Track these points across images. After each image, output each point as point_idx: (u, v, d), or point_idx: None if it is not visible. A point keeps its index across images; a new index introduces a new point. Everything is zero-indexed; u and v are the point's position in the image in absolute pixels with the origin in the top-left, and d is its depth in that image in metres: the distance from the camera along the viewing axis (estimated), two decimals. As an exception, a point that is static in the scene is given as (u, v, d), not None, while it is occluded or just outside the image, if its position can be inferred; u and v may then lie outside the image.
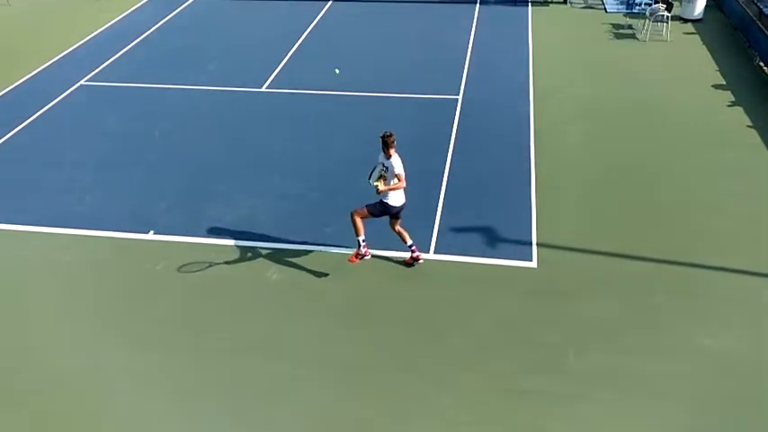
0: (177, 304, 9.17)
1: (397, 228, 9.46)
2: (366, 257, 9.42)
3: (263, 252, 10.04)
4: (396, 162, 8.95)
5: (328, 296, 9.22)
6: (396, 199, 9.13)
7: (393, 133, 9.00)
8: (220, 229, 10.53)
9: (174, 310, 9.08)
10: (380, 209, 9.18)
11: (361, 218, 9.17)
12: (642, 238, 10.13)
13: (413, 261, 9.64)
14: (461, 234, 10.28)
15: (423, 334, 8.57)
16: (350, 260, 9.38)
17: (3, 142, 13.13)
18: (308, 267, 9.71)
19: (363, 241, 9.26)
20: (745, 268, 9.46)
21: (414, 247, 9.52)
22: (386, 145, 8.91)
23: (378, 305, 9.06)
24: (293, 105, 14.28)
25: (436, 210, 10.79)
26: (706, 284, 9.25)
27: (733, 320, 8.65)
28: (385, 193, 8.99)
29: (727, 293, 9.07)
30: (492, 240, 10.13)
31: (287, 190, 11.45)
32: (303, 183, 11.59)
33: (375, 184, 8.93)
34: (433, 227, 10.39)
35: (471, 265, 9.67)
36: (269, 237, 10.31)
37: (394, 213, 9.26)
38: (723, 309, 8.83)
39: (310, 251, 10.02)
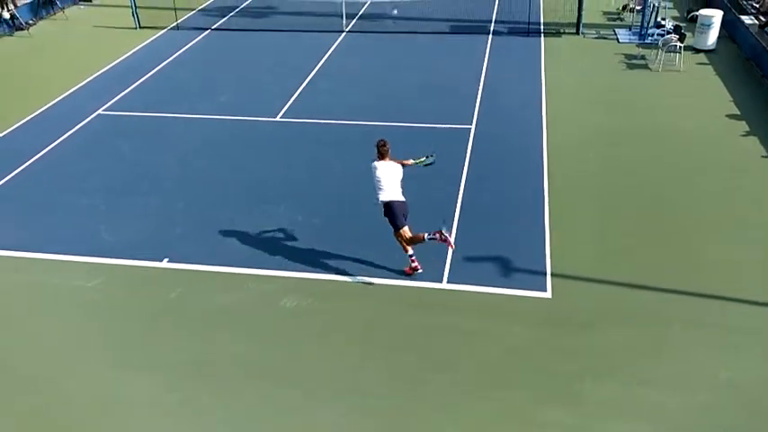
0: (191, 332, 9.15)
1: (409, 234, 9.67)
2: (418, 270, 9.90)
3: (278, 280, 10.03)
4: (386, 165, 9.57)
5: (342, 323, 9.19)
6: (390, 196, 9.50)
7: (387, 141, 9.61)
8: (235, 256, 10.55)
9: (187, 337, 9.06)
10: (386, 212, 9.59)
11: (407, 238, 9.69)
12: (658, 267, 10.04)
13: (412, 272, 9.92)
14: (475, 263, 10.23)
15: (435, 362, 8.50)
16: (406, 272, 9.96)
17: (22, 169, 13.30)
18: (323, 295, 9.70)
19: (411, 257, 9.82)
20: (762, 300, 9.34)
21: (414, 258, 9.85)
22: (381, 154, 9.54)
23: (390, 333, 9.00)
24: (308, 134, 14.39)
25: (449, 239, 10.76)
26: (723, 315, 9.12)
27: (751, 352, 8.51)
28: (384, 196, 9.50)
29: (745, 324, 8.94)
30: (506, 270, 10.08)
31: (302, 218, 11.48)
32: (318, 210, 11.63)
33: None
34: (447, 256, 10.36)
35: (485, 294, 9.61)
36: (284, 264, 10.32)
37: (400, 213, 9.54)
38: (741, 340, 8.69)
39: (325, 279, 10.01)
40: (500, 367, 8.40)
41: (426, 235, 9.53)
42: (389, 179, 9.56)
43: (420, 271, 9.90)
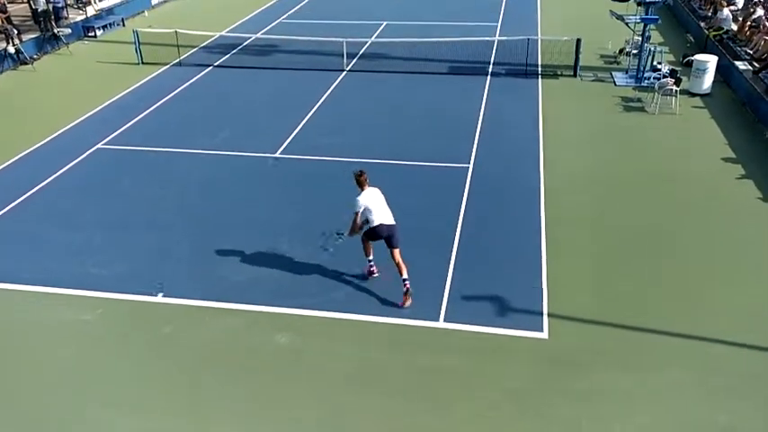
0: (183, 368, 9.06)
1: (397, 259, 10.04)
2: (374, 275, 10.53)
3: (273, 316, 9.97)
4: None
5: (335, 362, 9.09)
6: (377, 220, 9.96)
7: (364, 171, 10.16)
8: (230, 291, 10.50)
9: (179, 373, 8.96)
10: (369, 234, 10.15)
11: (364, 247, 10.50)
12: (656, 309, 10.00)
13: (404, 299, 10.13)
14: (471, 302, 10.19)
15: (429, 404, 8.39)
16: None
17: (20, 202, 13.32)
18: (317, 332, 9.63)
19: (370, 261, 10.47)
20: (761, 344, 9.28)
21: (407, 282, 10.05)
22: (360, 183, 10.06)
23: (384, 373, 8.91)
24: (306, 170, 14.46)
25: (446, 277, 10.74)
26: (721, 358, 9.05)
27: (751, 397, 8.42)
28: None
29: (744, 369, 8.87)
30: (503, 309, 10.03)
31: (297, 254, 11.46)
32: (314, 247, 11.61)
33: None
34: (443, 294, 10.32)
35: (481, 334, 9.54)
36: (278, 300, 10.26)
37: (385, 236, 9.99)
38: (740, 384, 8.62)
39: (320, 316, 9.95)
40: (497, 411, 8.28)
41: (369, 260, 10.47)
42: (378, 204, 10.04)
43: (376, 275, 10.55)
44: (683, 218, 12.44)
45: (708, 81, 18.33)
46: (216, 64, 21.74)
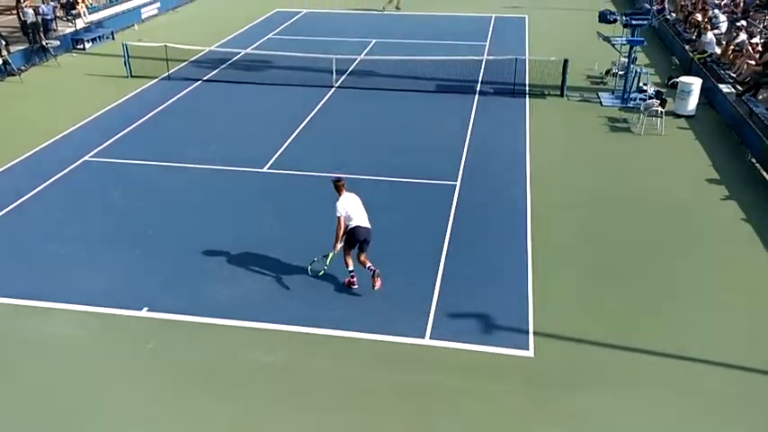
0: (163, 385, 8.97)
1: (362, 259, 10.54)
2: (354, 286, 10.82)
3: (258, 333, 9.91)
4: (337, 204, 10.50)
5: (319, 380, 9.04)
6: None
7: (341, 178, 10.83)
8: (215, 308, 10.43)
9: (157, 394, 8.86)
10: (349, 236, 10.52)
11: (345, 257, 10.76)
12: (640, 329, 10.04)
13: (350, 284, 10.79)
14: (457, 320, 10.19)
15: (414, 423, 8.35)
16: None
17: (4, 213, 13.21)
18: (302, 351, 9.58)
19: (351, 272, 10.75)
20: (745, 364, 9.33)
21: (372, 267, 10.55)
22: (338, 189, 10.60)
23: (369, 390, 8.87)
24: (294, 186, 14.46)
25: (432, 295, 10.74)
26: (704, 379, 9.09)
27: (734, 418, 8.46)
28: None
29: (726, 390, 8.91)
30: (488, 327, 10.04)
31: (285, 270, 11.42)
32: (301, 263, 11.57)
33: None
34: (429, 312, 10.32)
35: (467, 352, 9.53)
36: (265, 318, 10.21)
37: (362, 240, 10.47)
38: (721, 405, 8.65)
39: (306, 333, 9.90)
40: (481, 429, 8.26)
41: (350, 270, 10.76)
42: (356, 208, 10.53)
43: (356, 287, 10.77)
44: (667, 237, 12.54)
45: (692, 103, 18.57)
46: (205, 78, 21.76)
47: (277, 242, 12.26)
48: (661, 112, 17.62)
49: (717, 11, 25.07)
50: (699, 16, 25.00)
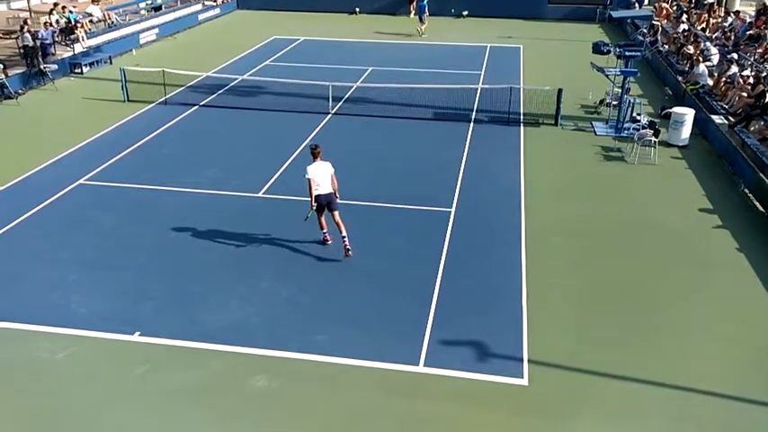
0: (154, 410, 8.86)
1: (336, 219, 12.20)
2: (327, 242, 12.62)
3: (251, 358, 9.84)
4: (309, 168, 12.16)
5: (312, 408, 8.96)
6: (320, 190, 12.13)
7: (318, 145, 12.43)
8: (208, 332, 10.37)
9: (149, 415, 8.76)
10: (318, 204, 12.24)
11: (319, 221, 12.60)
12: (634, 357, 10.02)
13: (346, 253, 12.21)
14: (451, 347, 10.14)
15: (409, 451, 8.27)
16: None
17: (-4, 237, 13.18)
18: (295, 376, 9.51)
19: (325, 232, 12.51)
20: (736, 394, 9.31)
21: (346, 240, 12.10)
22: (314, 155, 12.23)
23: (362, 417, 8.79)
24: (290, 211, 14.44)
25: (426, 322, 10.70)
26: (697, 409, 9.05)
27: (729, 448, 8.42)
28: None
29: (720, 420, 8.87)
30: (482, 355, 10.00)
31: (278, 295, 11.38)
32: (294, 289, 11.54)
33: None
34: (423, 339, 10.27)
35: (461, 379, 9.48)
36: (257, 343, 10.15)
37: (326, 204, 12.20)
38: (718, 435, 8.62)
39: (299, 359, 9.83)
40: (475, 456, 8.20)
41: (323, 232, 12.58)
42: (322, 176, 12.11)
43: (329, 242, 12.63)
44: (661, 267, 12.56)
45: (685, 133, 18.75)
46: (202, 103, 21.87)
47: (271, 267, 12.23)
48: (654, 141, 17.77)
49: (708, 43, 25.46)
50: (691, 48, 25.37)
